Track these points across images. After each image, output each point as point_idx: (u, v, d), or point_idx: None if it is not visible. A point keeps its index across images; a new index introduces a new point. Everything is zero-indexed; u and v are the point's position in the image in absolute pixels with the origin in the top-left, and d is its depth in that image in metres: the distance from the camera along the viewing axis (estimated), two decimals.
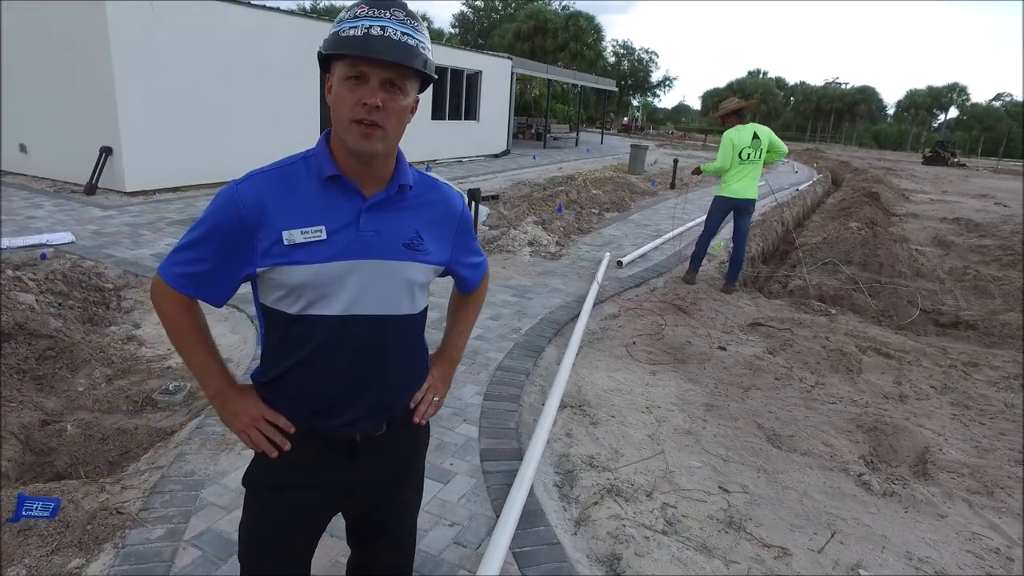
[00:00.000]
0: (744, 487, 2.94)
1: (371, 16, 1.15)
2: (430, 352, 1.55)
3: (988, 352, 5.06)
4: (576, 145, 27.21)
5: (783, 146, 6.12)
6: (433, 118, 15.94)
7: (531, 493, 2.70)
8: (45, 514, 2.30)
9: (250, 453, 1.40)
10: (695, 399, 3.86)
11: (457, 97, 17.02)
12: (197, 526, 2.42)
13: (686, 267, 6.65)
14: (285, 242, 1.20)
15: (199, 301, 1.30)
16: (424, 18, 59.32)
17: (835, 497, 2.90)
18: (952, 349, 5.06)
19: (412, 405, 1.45)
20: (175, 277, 1.25)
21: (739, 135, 5.92)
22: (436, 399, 1.51)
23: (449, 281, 1.55)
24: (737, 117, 6.02)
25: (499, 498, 2.68)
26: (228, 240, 1.21)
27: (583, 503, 2.76)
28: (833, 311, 5.78)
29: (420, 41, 1.19)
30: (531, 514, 2.58)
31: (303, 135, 12.00)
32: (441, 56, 15.92)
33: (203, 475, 2.74)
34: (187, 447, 2.95)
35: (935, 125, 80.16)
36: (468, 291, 1.59)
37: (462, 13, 55.32)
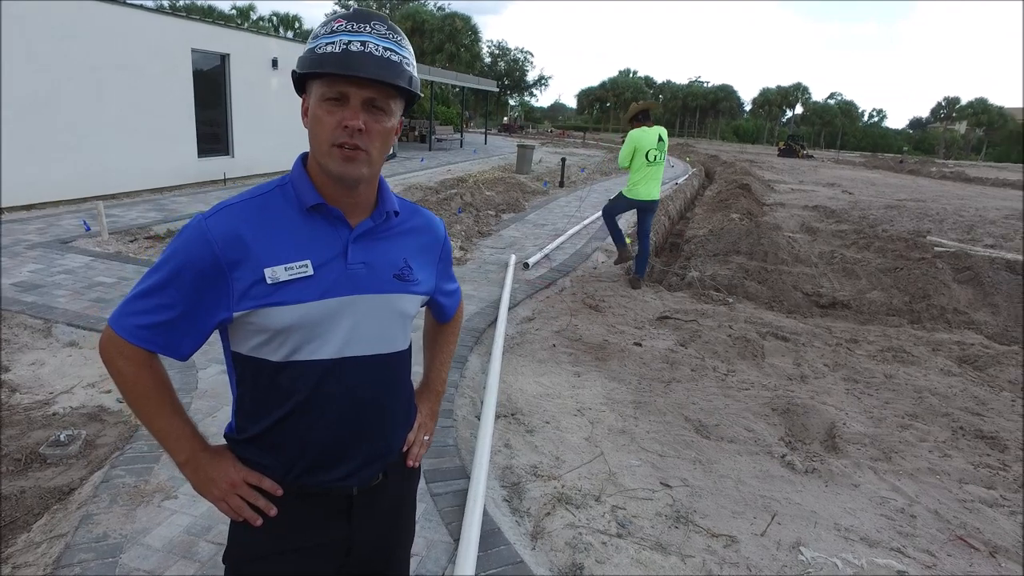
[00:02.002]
0: (684, 480, 3.06)
1: (350, 31, 1.05)
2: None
3: (864, 329, 5.62)
4: (461, 146, 27.25)
5: None
6: None
7: (484, 512, 2.64)
8: None
9: (183, 504, 1.24)
10: (622, 397, 3.97)
11: None
12: None
13: (613, 257, 6.95)
14: (268, 281, 1.07)
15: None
16: (295, 19, 57.18)
17: (766, 480, 3.08)
18: (834, 328, 5.57)
19: (405, 448, 1.35)
20: (133, 330, 1.08)
21: (645, 136, 6.16)
22: (427, 438, 1.42)
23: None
24: (643, 119, 6.28)
25: (453, 520, 2.61)
26: (198, 283, 1.06)
27: (535, 515, 2.74)
28: (730, 300, 6.17)
29: (404, 57, 1.09)
30: (489, 534, 2.52)
31: (178, 142, 11.13)
32: None
33: (119, 537, 2.44)
34: (93, 506, 2.61)
35: (784, 121, 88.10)
36: (446, 319, 1.50)
37: (335, 13, 53.47)
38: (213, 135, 12.18)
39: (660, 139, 6.14)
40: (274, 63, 13.38)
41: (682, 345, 4.90)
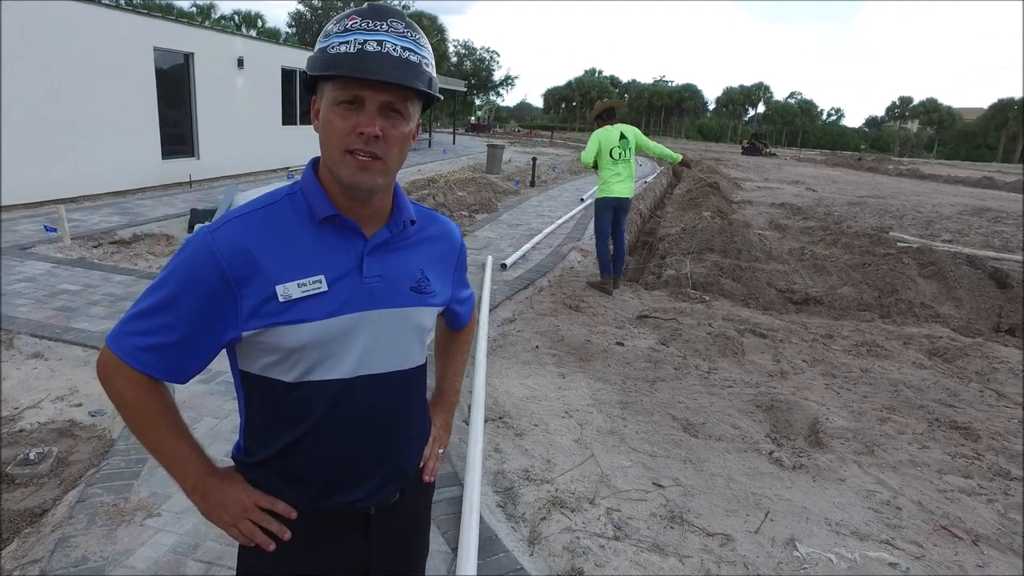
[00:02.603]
0: (676, 480, 3.07)
1: (366, 29, 0.98)
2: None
3: (837, 324, 5.73)
4: (430, 146, 27.09)
5: (655, 145, 6.48)
6: (284, 123, 15.05)
7: (480, 520, 2.61)
8: None
9: (167, 521, 1.18)
10: (609, 398, 3.97)
11: (307, 102, 16.20)
12: None
13: (598, 275, 6.57)
14: (280, 298, 1.01)
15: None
16: (258, 17, 56.11)
17: (756, 477, 3.11)
18: (810, 324, 5.67)
19: (421, 464, 1.31)
20: (134, 352, 1.01)
21: (606, 134, 6.20)
22: (441, 451, 1.38)
23: None
24: (608, 118, 6.29)
25: (449, 529, 2.57)
26: (204, 301, 1.00)
27: (531, 521, 2.72)
28: (707, 298, 6.24)
29: (423, 57, 1.03)
30: (487, 542, 2.49)
31: (141, 144, 10.81)
32: (290, 58, 15.07)
33: (100, 559, 2.33)
34: (70, 528, 2.49)
35: (746, 119, 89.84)
36: (460, 327, 1.46)
37: (299, 12, 52.66)
38: (178, 136, 11.85)
39: (622, 136, 6.19)
40: (240, 62, 13.08)
41: (663, 344, 4.93)
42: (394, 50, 0.99)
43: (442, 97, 1.16)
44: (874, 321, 5.94)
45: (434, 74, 1.07)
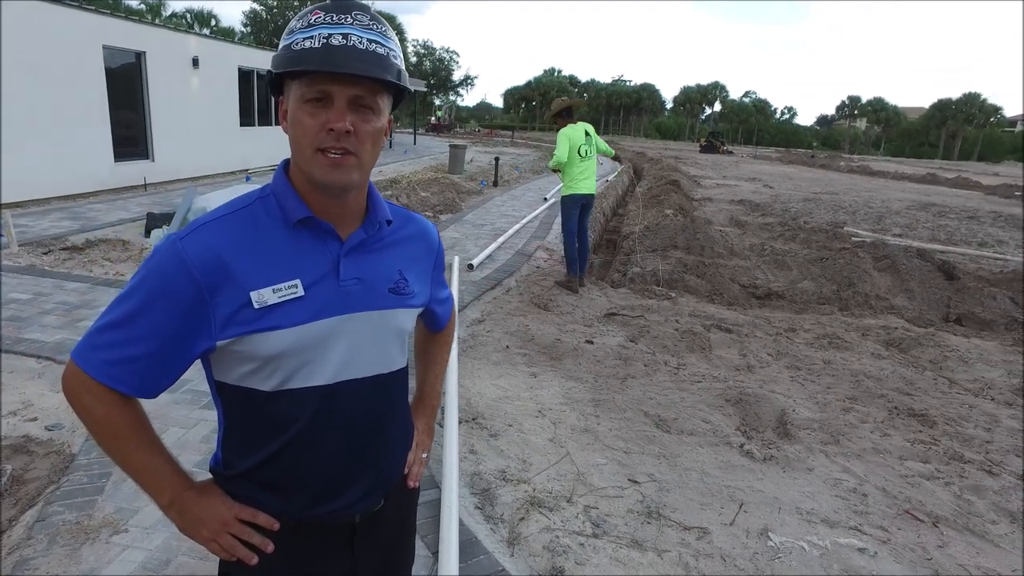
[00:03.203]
0: (650, 475, 3.11)
1: (330, 23, 0.95)
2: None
3: (799, 317, 5.89)
4: (391, 147, 26.82)
5: (607, 146, 6.63)
6: (242, 124, 14.71)
7: (459, 522, 2.60)
8: None
9: (135, 537, 1.14)
10: (581, 396, 4.00)
11: (265, 102, 15.87)
12: None
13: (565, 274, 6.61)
14: (255, 305, 0.98)
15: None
16: (211, 16, 54.63)
17: (728, 470, 3.17)
18: (773, 318, 5.81)
19: (405, 469, 1.29)
20: (101, 366, 0.97)
21: (573, 132, 6.26)
22: (425, 456, 1.36)
23: None
24: (568, 116, 6.36)
25: (429, 533, 2.54)
26: (175, 311, 0.96)
27: (510, 521, 2.72)
28: (673, 294, 6.33)
29: (391, 49, 1.00)
30: (467, 544, 2.48)
31: (91, 146, 10.44)
32: (247, 58, 14.73)
33: None
34: (29, 549, 2.39)
35: (703, 118, 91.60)
36: (439, 328, 1.43)
37: (254, 11, 51.32)
38: (131, 138, 11.46)
39: (587, 134, 6.30)
40: (195, 62, 12.73)
41: (632, 341, 4.99)
42: (360, 43, 0.96)
43: (412, 89, 1.13)
44: (834, 314, 6.13)
45: (403, 67, 1.04)
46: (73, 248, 6.72)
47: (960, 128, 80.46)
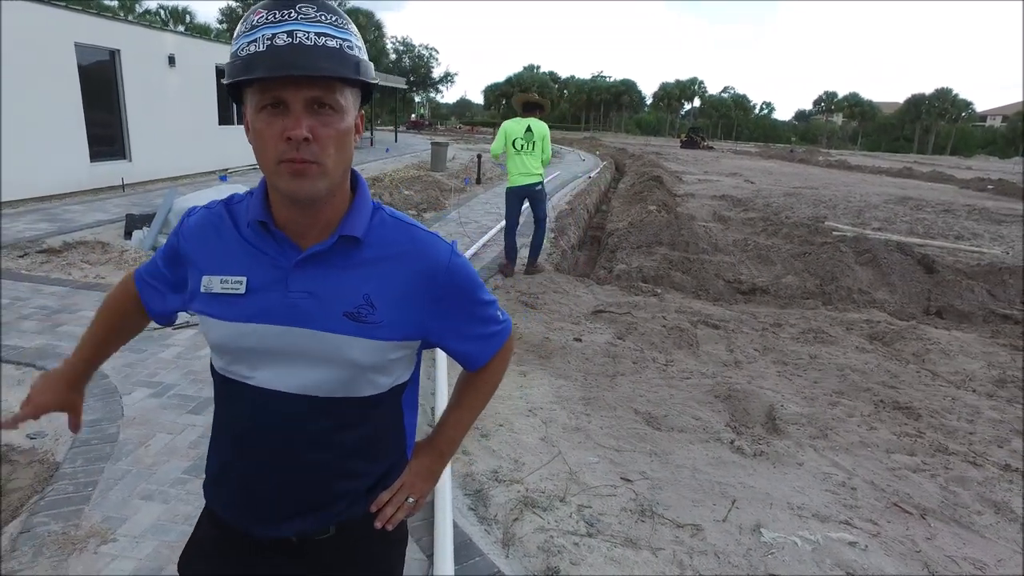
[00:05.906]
0: (643, 473, 3.12)
1: (272, 22, 0.89)
2: (416, 438, 1.27)
3: (784, 312, 5.95)
4: (372, 144, 26.65)
5: (548, 152, 6.63)
6: (221, 123, 14.50)
7: (453, 524, 2.58)
8: None
9: (124, 547, 1.20)
10: (571, 394, 4.00)
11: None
12: None
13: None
14: (203, 289, 1.07)
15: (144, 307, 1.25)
16: (186, 12, 53.78)
17: (719, 467, 3.19)
18: (758, 313, 5.86)
19: (374, 508, 1.17)
20: (139, 272, 1.24)
21: (512, 125, 6.52)
22: (411, 500, 1.20)
23: None
24: (532, 111, 6.52)
25: (423, 536, 2.53)
26: (171, 265, 1.17)
27: (504, 522, 2.71)
28: (659, 291, 6.36)
29: (344, 40, 0.92)
30: (461, 546, 2.47)
31: (66, 146, 10.23)
32: (224, 55, 14.51)
33: None
34: (14, 562, 2.33)
35: (683, 113, 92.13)
36: (474, 368, 1.23)
37: (229, 8, 50.61)
38: (107, 138, 11.24)
39: (528, 129, 6.45)
40: (171, 60, 12.52)
41: (620, 338, 5.00)
42: (307, 38, 0.89)
43: (379, 81, 1.09)
44: (818, 308, 6.20)
45: (364, 57, 0.97)
46: (50, 251, 6.58)
47: (934, 123, 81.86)
